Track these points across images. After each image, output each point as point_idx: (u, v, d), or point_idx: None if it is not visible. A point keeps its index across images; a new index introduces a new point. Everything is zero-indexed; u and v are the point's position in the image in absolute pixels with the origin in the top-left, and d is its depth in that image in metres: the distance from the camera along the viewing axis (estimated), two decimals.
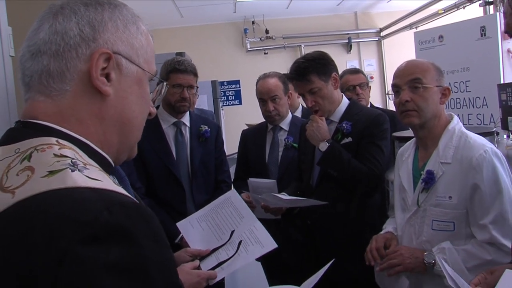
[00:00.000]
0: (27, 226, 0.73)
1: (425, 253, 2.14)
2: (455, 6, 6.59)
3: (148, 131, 3.18)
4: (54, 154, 0.83)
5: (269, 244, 2.12)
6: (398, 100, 2.24)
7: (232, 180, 3.55)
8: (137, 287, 0.73)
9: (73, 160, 0.83)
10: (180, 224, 2.35)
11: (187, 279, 1.82)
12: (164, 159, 3.15)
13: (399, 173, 2.41)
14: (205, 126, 3.31)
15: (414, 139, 2.39)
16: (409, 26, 7.95)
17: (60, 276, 0.69)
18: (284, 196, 2.78)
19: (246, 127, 4.30)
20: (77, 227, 0.71)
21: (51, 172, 0.79)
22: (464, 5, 6.33)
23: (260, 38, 9.24)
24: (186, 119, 3.29)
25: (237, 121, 8.13)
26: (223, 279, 3.17)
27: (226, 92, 9.44)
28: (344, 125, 2.78)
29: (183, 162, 3.18)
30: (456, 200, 2.11)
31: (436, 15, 7.17)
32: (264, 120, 3.52)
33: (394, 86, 2.29)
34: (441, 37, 5.33)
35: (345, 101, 2.93)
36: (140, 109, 1.05)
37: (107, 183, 0.82)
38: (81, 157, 0.87)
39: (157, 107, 3.30)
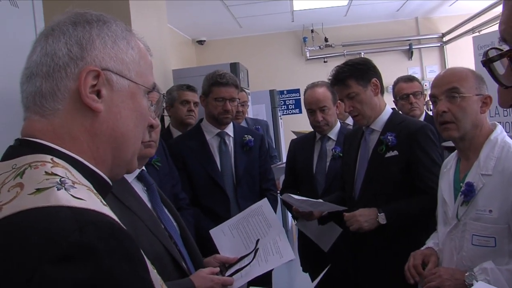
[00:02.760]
0: (5, 243, 0.75)
1: (466, 274, 2.01)
2: None
3: (192, 142, 3.29)
4: (45, 171, 0.85)
5: (288, 255, 2.16)
6: (436, 111, 2.17)
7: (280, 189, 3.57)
8: None
9: (62, 179, 0.84)
10: (213, 231, 2.39)
11: (201, 283, 1.86)
12: (208, 169, 3.22)
13: (440, 185, 2.33)
14: (248, 135, 3.35)
15: (456, 150, 2.31)
16: (472, 30, 7.68)
17: None
18: (297, 196, 2.77)
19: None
20: (47, 246, 0.72)
21: (38, 190, 0.81)
22: None
23: (320, 47, 9.19)
24: (229, 129, 3.37)
25: (297, 129, 8.10)
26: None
27: (286, 101, 9.45)
28: (388, 137, 2.71)
29: (228, 171, 3.24)
30: (496, 214, 2.00)
31: (500, 17, 6.88)
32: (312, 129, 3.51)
33: (431, 96, 2.22)
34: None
35: (388, 110, 2.87)
36: (136, 123, 1.06)
37: (91, 202, 0.83)
38: (73, 175, 0.88)
39: (201, 120, 3.38)
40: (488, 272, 1.97)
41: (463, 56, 7.67)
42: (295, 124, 8.67)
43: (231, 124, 3.35)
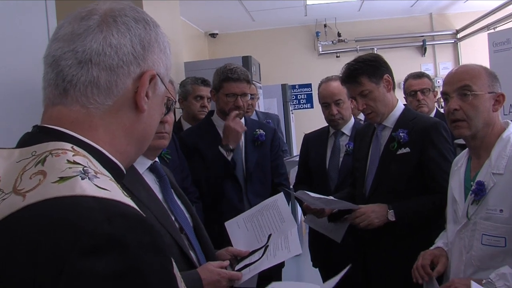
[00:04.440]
0: (32, 232, 0.74)
1: (483, 282, 1.93)
2: None
3: (205, 134, 3.26)
4: (67, 160, 0.84)
5: (296, 249, 2.14)
6: (447, 108, 2.15)
7: (292, 184, 3.55)
8: None
9: (85, 168, 0.84)
10: (228, 224, 2.39)
11: (207, 276, 1.86)
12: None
13: (451, 183, 2.31)
14: (260, 130, 3.32)
15: (467, 148, 2.29)
16: (487, 27, 7.59)
17: (60, 287, 0.70)
18: (313, 194, 2.75)
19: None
20: (77, 237, 0.72)
21: (62, 179, 0.80)
22: None
23: (332, 41, 9.13)
24: None
25: (308, 124, 8.08)
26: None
27: (298, 95, 9.42)
28: (400, 133, 2.68)
29: (238, 166, 3.20)
30: (507, 214, 1.98)
31: None
32: (326, 124, 3.50)
33: (443, 93, 2.20)
34: None
35: (400, 106, 2.84)
36: (156, 126, 1.09)
37: (115, 193, 0.83)
38: (94, 165, 0.87)
39: (212, 113, 3.36)
40: (507, 278, 1.91)
41: (477, 53, 7.60)
42: (307, 119, 8.67)
43: (242, 119, 3.30)
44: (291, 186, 3.81)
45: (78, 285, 0.70)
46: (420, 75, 4.18)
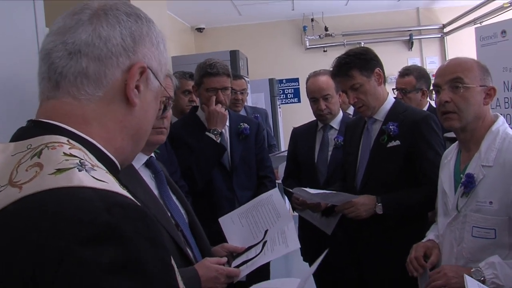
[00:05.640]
0: (30, 223, 0.74)
1: (472, 270, 1.97)
2: None
3: (192, 129, 3.24)
4: (64, 152, 0.84)
5: (294, 244, 2.13)
6: (438, 100, 2.15)
7: (281, 178, 3.54)
8: (136, 286, 0.74)
9: (81, 161, 0.84)
10: (222, 220, 2.37)
11: (205, 272, 1.84)
12: None
13: (441, 176, 2.31)
14: (244, 123, 3.32)
15: (457, 141, 2.29)
16: (473, 22, 7.63)
17: (58, 276, 0.70)
18: (311, 190, 2.75)
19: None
20: (77, 227, 0.72)
21: (59, 170, 0.80)
22: None
23: (319, 36, 9.12)
24: None
25: (296, 119, 8.08)
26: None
27: (285, 90, 9.41)
28: (390, 126, 2.68)
29: (224, 160, 3.19)
30: (497, 206, 1.99)
31: (501, 9, 6.83)
32: (314, 118, 3.49)
33: (434, 85, 2.21)
34: (504, 32, 5.06)
35: (390, 99, 2.84)
36: (152, 122, 1.10)
37: (112, 185, 0.83)
38: (90, 158, 0.88)
39: (196, 108, 3.34)
40: (495, 266, 1.95)
41: (464, 47, 7.63)
42: (294, 113, 8.67)
43: (226, 112, 3.29)
44: (280, 181, 3.81)
45: (78, 274, 0.70)
46: (404, 73, 4.10)
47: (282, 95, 9.32)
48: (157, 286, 0.77)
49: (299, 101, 9.34)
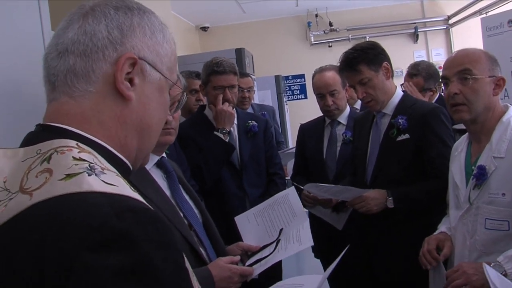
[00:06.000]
0: (40, 230, 0.73)
1: (491, 265, 1.91)
2: None
3: (200, 128, 3.24)
4: (73, 157, 0.83)
5: (307, 242, 2.11)
6: (447, 92, 2.14)
7: (290, 176, 3.54)
8: None
9: (91, 164, 0.83)
10: (238, 218, 2.36)
11: (218, 272, 1.83)
12: None
13: (451, 169, 2.30)
14: (252, 121, 3.31)
15: (467, 133, 2.28)
16: (479, 12, 7.58)
17: (69, 283, 0.69)
18: (323, 185, 2.74)
19: None
20: (86, 233, 0.71)
21: (69, 175, 0.79)
22: None
23: (324, 31, 9.10)
24: None
25: (302, 115, 8.07)
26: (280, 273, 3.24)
27: (291, 86, 9.40)
28: (399, 120, 2.67)
29: (233, 158, 3.20)
30: (510, 198, 1.98)
31: None
32: (321, 114, 3.48)
33: (443, 77, 2.19)
34: (510, 21, 5.03)
35: (398, 93, 2.83)
36: (159, 116, 1.06)
37: (123, 188, 0.82)
38: (100, 161, 0.87)
39: (203, 107, 3.34)
40: None
41: (469, 38, 7.59)
42: (301, 110, 8.66)
43: (233, 111, 3.29)
44: (289, 178, 3.80)
45: (89, 281, 0.69)
46: (412, 73, 4.09)
47: (289, 92, 9.31)
48: None
49: (305, 97, 9.34)
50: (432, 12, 9.03)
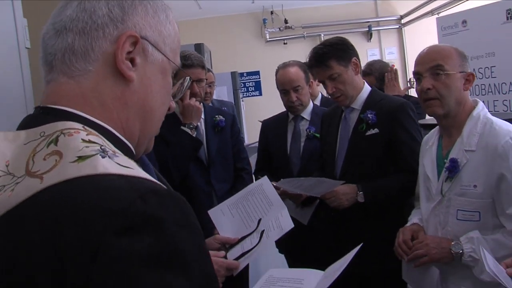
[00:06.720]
0: (57, 215, 0.70)
1: (452, 243, 2.07)
2: None
3: (166, 122, 3.19)
4: (82, 139, 0.80)
5: (288, 225, 2.14)
6: (420, 88, 2.19)
7: (253, 171, 3.53)
8: (176, 276, 0.70)
9: (102, 147, 0.80)
10: (211, 212, 2.33)
11: None
12: None
13: (423, 162, 2.35)
14: (219, 116, 3.28)
15: (438, 126, 2.33)
16: (431, 12, 7.80)
17: (94, 271, 0.66)
18: (296, 180, 2.75)
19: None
20: (110, 217, 0.69)
21: (81, 158, 0.76)
22: None
23: (279, 28, 9.16)
24: None
25: (257, 112, 8.10)
26: (247, 269, 3.23)
27: (246, 83, 9.40)
28: (368, 115, 2.71)
29: (200, 153, 3.16)
30: (481, 189, 2.04)
31: (458, 0, 7.01)
32: (284, 109, 3.48)
33: (415, 73, 2.23)
34: (464, 22, 5.18)
35: (366, 88, 2.87)
36: (162, 100, 1.02)
37: (138, 170, 0.79)
38: (108, 145, 0.83)
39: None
40: (474, 241, 2.02)
41: (421, 38, 7.79)
42: (256, 106, 8.68)
43: (201, 106, 3.25)
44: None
45: (118, 266, 0.67)
46: (365, 73, 4.19)
47: (243, 88, 9.30)
48: (196, 275, 0.74)
49: (260, 94, 9.35)
50: (385, 12, 9.24)
